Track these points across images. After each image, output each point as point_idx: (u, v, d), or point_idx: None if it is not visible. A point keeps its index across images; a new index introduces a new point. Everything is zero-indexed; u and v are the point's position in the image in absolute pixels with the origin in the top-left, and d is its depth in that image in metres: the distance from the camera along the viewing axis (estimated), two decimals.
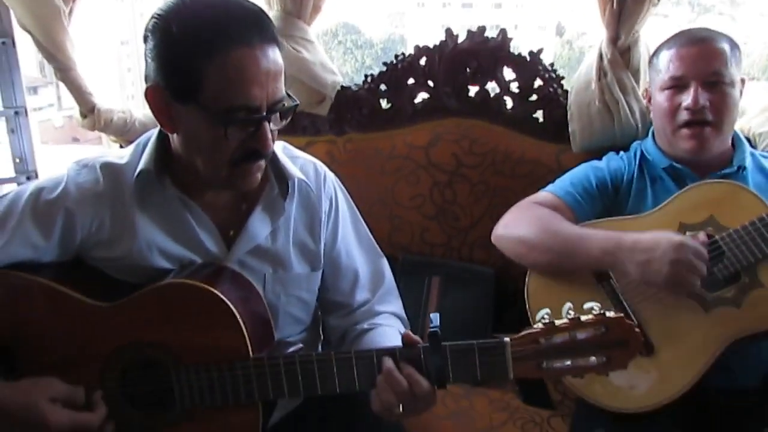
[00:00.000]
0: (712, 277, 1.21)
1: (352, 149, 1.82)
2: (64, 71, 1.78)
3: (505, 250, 1.40)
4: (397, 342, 1.03)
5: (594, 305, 0.93)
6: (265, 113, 0.98)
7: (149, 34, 0.98)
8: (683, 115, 1.33)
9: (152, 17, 0.97)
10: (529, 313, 1.34)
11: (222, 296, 1.01)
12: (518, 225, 1.37)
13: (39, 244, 1.08)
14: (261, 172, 1.07)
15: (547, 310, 0.94)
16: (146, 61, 1.00)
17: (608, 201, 1.42)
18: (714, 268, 1.21)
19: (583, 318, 0.93)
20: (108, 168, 1.11)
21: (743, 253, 1.20)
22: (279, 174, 1.16)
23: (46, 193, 1.09)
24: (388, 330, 1.20)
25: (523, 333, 0.95)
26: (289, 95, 1.02)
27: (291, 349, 1.08)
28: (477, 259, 1.73)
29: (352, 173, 1.75)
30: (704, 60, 1.31)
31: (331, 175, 1.27)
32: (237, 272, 1.12)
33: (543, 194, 1.43)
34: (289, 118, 1.05)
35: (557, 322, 0.94)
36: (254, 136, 0.99)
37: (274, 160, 1.14)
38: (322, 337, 1.37)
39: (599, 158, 1.52)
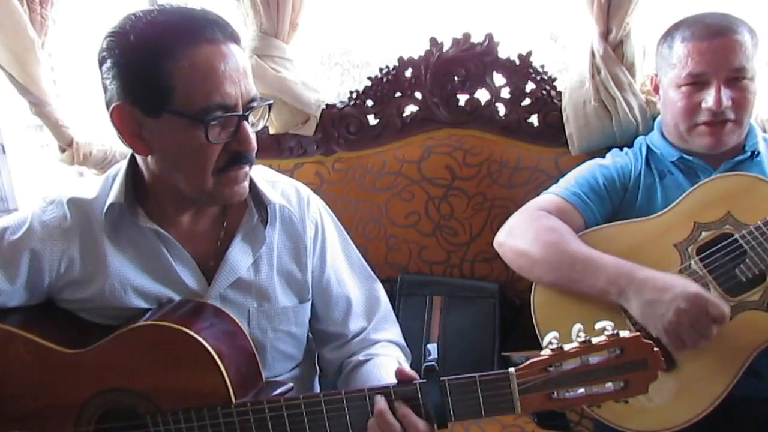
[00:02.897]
0: (735, 280, 1.12)
1: (341, 168, 1.75)
2: (39, 106, 1.73)
3: (506, 260, 1.32)
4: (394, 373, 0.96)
5: (606, 324, 0.85)
6: (241, 111, 0.94)
7: (105, 54, 0.93)
8: (704, 115, 1.25)
9: (105, 37, 0.94)
10: (537, 330, 1.25)
11: (199, 338, 0.95)
12: (522, 235, 1.28)
13: (4, 288, 1.03)
14: (247, 181, 1.02)
15: (555, 334, 0.86)
16: (105, 85, 0.96)
17: (617, 200, 1.35)
18: (736, 270, 1.13)
19: (595, 340, 0.85)
20: (75, 203, 1.06)
21: (767, 252, 1.11)
22: (258, 200, 1.10)
23: (10, 234, 1.04)
24: (386, 360, 1.13)
25: (529, 361, 0.87)
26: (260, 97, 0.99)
27: (279, 390, 1.00)
28: (479, 274, 1.66)
29: (343, 193, 1.72)
30: (726, 55, 1.21)
31: (315, 198, 1.21)
32: (218, 309, 1.05)
33: (548, 197, 1.35)
34: (267, 118, 1.01)
35: (566, 347, 0.85)
36: (236, 137, 0.95)
37: (252, 187, 1.09)
38: (318, 371, 1.29)
39: (602, 157, 1.45)
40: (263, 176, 1.14)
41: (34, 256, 1.03)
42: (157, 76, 0.89)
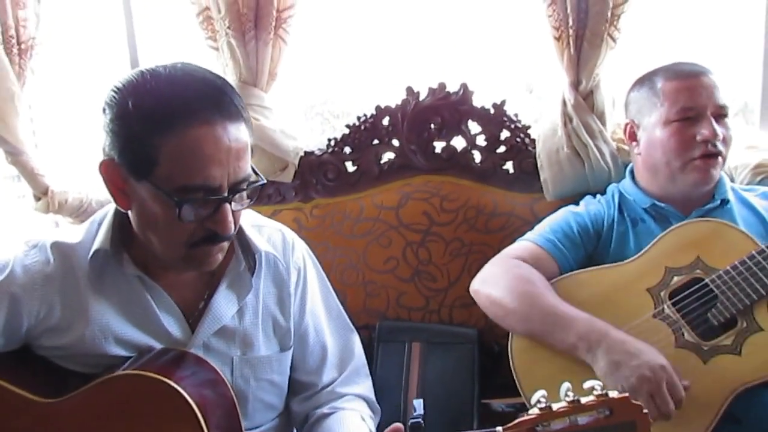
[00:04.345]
0: (707, 324, 1.13)
1: (319, 215, 1.75)
2: (15, 155, 1.72)
3: (481, 307, 1.32)
4: (354, 428, 0.96)
5: (595, 384, 0.84)
6: (226, 194, 0.92)
7: (106, 107, 0.93)
8: (699, 149, 1.27)
9: (111, 89, 0.93)
10: (515, 376, 1.25)
11: (179, 388, 0.93)
12: (496, 283, 1.29)
13: None
14: (223, 252, 1.00)
15: (543, 392, 0.84)
16: (103, 131, 0.95)
17: (590, 247, 1.36)
18: (708, 314, 1.13)
19: (584, 400, 0.83)
20: (59, 248, 1.04)
21: (737, 296, 1.13)
22: (245, 247, 1.09)
23: None
24: (349, 415, 1.11)
25: (517, 420, 0.84)
26: (255, 172, 0.97)
27: None
28: (458, 320, 1.64)
29: (321, 240, 1.71)
30: (712, 91, 1.27)
31: (300, 243, 1.20)
32: (199, 358, 1.03)
33: (522, 244, 1.36)
34: (255, 198, 0.99)
35: (555, 406, 0.83)
36: (213, 218, 0.93)
37: (239, 232, 1.08)
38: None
39: (575, 204, 1.47)
40: (249, 221, 1.13)
41: (14, 301, 1.00)
42: (145, 148, 0.89)
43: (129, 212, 0.99)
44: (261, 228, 1.14)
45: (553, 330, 1.18)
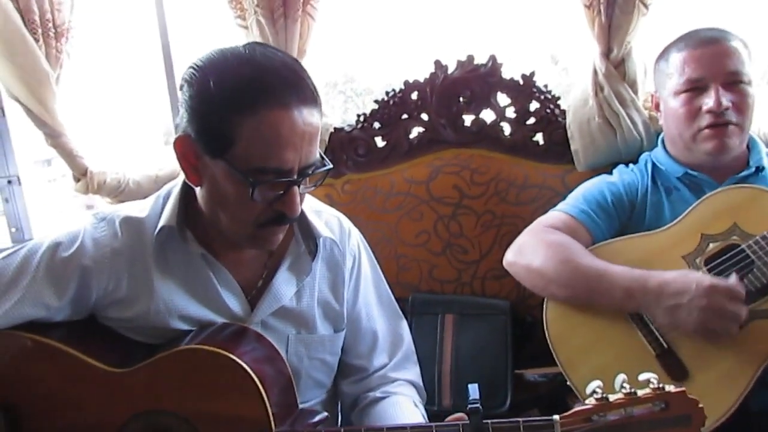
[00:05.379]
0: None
1: (350, 190, 1.77)
2: (54, 137, 1.76)
3: (518, 278, 1.32)
4: (409, 413, 0.97)
5: (651, 377, 0.85)
6: (296, 176, 0.93)
7: (185, 84, 0.94)
8: (705, 119, 1.26)
9: (191, 66, 0.95)
10: (550, 344, 1.25)
11: (243, 363, 0.95)
12: (533, 253, 1.29)
13: (52, 304, 1.03)
14: (284, 233, 1.03)
15: (599, 383, 0.86)
16: (179, 109, 0.97)
17: (624, 217, 1.35)
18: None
19: (640, 392, 0.85)
20: (127, 222, 1.06)
21: None
22: (305, 231, 1.11)
23: (62, 250, 1.04)
24: (401, 399, 1.13)
25: (574, 410, 0.86)
26: (322, 157, 0.98)
27: (316, 419, 1.00)
28: (490, 292, 1.66)
29: (353, 215, 1.68)
30: (721, 59, 1.25)
31: (355, 231, 1.22)
32: (259, 334, 1.05)
33: (555, 214, 1.36)
34: (320, 183, 1.01)
35: (611, 397, 0.85)
36: (282, 199, 0.95)
37: (301, 216, 1.08)
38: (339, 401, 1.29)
39: (608, 173, 1.46)
40: (310, 206, 1.14)
41: (84, 273, 1.03)
42: (224, 127, 0.90)
43: (198, 189, 1.01)
44: (320, 213, 1.16)
45: (599, 293, 1.18)
